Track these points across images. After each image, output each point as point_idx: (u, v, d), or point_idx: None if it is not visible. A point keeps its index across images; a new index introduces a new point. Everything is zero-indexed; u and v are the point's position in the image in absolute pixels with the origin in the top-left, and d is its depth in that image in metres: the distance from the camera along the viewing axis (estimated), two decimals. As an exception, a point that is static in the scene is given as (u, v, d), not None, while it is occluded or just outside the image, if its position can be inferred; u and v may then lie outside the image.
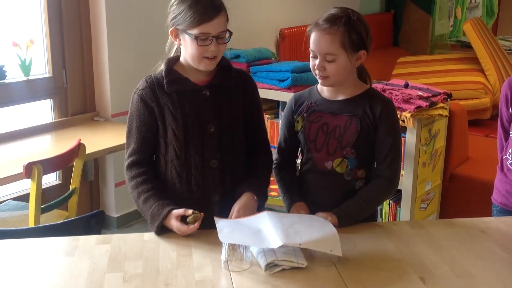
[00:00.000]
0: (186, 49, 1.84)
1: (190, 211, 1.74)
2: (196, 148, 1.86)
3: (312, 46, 1.86)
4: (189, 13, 1.77)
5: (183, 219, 1.75)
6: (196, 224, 1.73)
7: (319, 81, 1.90)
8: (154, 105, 1.86)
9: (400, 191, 2.97)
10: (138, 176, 1.87)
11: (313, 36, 1.85)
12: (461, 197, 3.43)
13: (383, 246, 1.74)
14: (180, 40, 1.85)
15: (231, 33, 1.84)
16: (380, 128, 1.88)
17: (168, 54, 1.94)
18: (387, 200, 3.00)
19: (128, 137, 1.91)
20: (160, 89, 1.86)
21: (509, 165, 2.24)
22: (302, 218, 1.76)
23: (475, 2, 6.83)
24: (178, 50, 1.91)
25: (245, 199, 1.85)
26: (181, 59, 1.89)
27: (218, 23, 1.79)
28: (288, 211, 1.92)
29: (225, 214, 1.78)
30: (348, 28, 1.82)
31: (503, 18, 7.90)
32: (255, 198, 1.86)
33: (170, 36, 1.87)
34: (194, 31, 1.78)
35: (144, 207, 1.83)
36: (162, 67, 1.90)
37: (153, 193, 1.83)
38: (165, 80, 1.85)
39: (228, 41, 1.85)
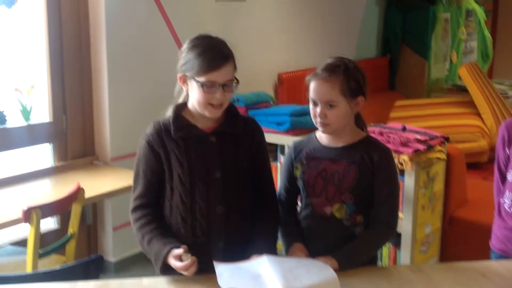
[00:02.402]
0: (193, 95, 1.86)
1: (182, 250, 1.75)
2: (202, 194, 1.86)
3: (312, 94, 1.90)
4: (197, 61, 1.81)
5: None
6: (190, 270, 1.73)
7: (320, 128, 1.93)
8: (161, 151, 1.87)
9: (399, 234, 2.96)
10: (142, 217, 1.88)
11: (313, 85, 1.90)
12: (461, 240, 3.42)
13: (384, 290, 1.72)
14: (188, 86, 1.87)
15: (238, 82, 1.87)
16: (378, 175, 1.90)
17: (176, 99, 1.96)
18: (387, 243, 2.99)
19: (135, 181, 1.93)
20: (167, 134, 1.88)
21: (507, 208, 2.23)
22: (302, 262, 1.75)
23: (470, 47, 6.95)
24: (187, 96, 1.93)
25: None
26: (189, 105, 1.92)
27: (225, 72, 1.82)
28: (287, 252, 1.91)
29: (228, 260, 1.76)
30: (347, 76, 1.87)
31: (498, 62, 8.01)
32: None
33: (178, 81, 1.90)
34: (201, 79, 1.81)
35: (149, 248, 1.85)
36: (169, 113, 1.92)
37: (156, 233, 1.85)
38: (172, 127, 1.87)
39: (236, 89, 1.88)
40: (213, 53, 1.81)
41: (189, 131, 1.88)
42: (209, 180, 1.87)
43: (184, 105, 1.93)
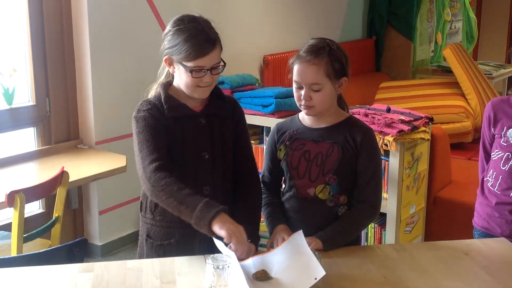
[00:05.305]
0: (180, 78, 1.86)
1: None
2: (190, 174, 1.86)
3: (296, 77, 1.88)
4: (185, 46, 1.79)
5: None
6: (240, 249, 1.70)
7: (305, 111, 1.93)
8: (161, 125, 1.85)
9: (384, 214, 2.99)
10: (171, 177, 1.77)
11: (297, 68, 1.88)
12: (445, 220, 3.45)
13: (367, 269, 1.74)
14: (174, 68, 1.87)
15: (224, 64, 1.87)
16: (362, 155, 1.90)
17: (158, 78, 1.96)
18: (372, 224, 3.01)
19: (141, 150, 1.82)
20: (161, 113, 1.86)
21: (489, 187, 2.26)
22: (290, 268, 1.68)
23: (455, 28, 6.96)
24: (169, 74, 1.93)
25: None
26: (175, 84, 1.91)
27: (213, 57, 1.82)
28: (271, 234, 1.92)
29: (212, 241, 1.75)
30: (331, 58, 1.86)
31: (483, 43, 8.05)
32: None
33: (164, 62, 1.89)
34: (189, 64, 1.80)
35: (191, 198, 1.73)
36: (154, 92, 1.91)
37: (195, 192, 1.76)
38: (165, 106, 1.86)
39: (222, 71, 1.87)
40: (201, 39, 1.80)
41: (181, 111, 1.87)
42: (198, 161, 1.88)
43: (169, 83, 1.92)
